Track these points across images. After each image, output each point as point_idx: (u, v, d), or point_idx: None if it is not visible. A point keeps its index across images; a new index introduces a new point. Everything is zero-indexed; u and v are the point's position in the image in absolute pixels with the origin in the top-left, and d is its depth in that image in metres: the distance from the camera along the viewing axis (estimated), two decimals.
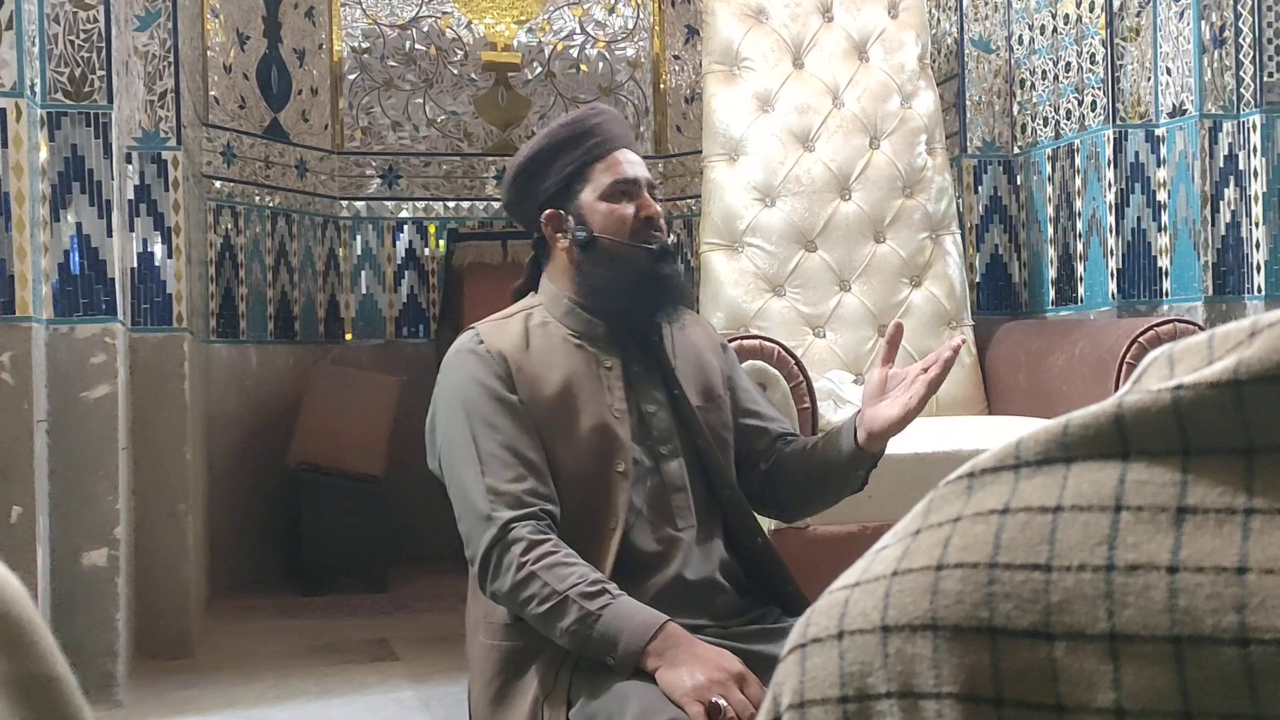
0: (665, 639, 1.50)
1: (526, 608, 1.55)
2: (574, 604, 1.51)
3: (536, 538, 1.56)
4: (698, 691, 1.45)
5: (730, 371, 1.86)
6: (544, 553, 1.55)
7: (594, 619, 1.50)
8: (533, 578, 1.53)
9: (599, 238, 1.73)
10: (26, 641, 0.46)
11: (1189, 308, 3.09)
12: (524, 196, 1.80)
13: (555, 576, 1.53)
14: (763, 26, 3.26)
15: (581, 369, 1.71)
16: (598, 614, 1.50)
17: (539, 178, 1.78)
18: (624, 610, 1.52)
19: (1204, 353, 0.48)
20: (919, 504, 0.53)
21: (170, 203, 3.40)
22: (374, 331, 4.98)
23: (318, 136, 4.93)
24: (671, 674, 1.48)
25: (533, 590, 1.53)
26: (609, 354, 1.74)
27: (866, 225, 3.17)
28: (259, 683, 3.11)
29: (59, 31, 3.01)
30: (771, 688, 0.55)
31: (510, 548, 1.55)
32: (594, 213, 1.74)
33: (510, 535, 1.56)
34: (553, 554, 1.55)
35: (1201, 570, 0.44)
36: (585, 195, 1.75)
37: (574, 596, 1.51)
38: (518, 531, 1.56)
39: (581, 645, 1.52)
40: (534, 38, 5.17)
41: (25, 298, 2.74)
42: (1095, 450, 0.48)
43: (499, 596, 1.59)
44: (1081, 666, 0.45)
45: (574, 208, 1.75)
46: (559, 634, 1.53)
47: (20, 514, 2.71)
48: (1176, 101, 3.14)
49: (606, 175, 1.74)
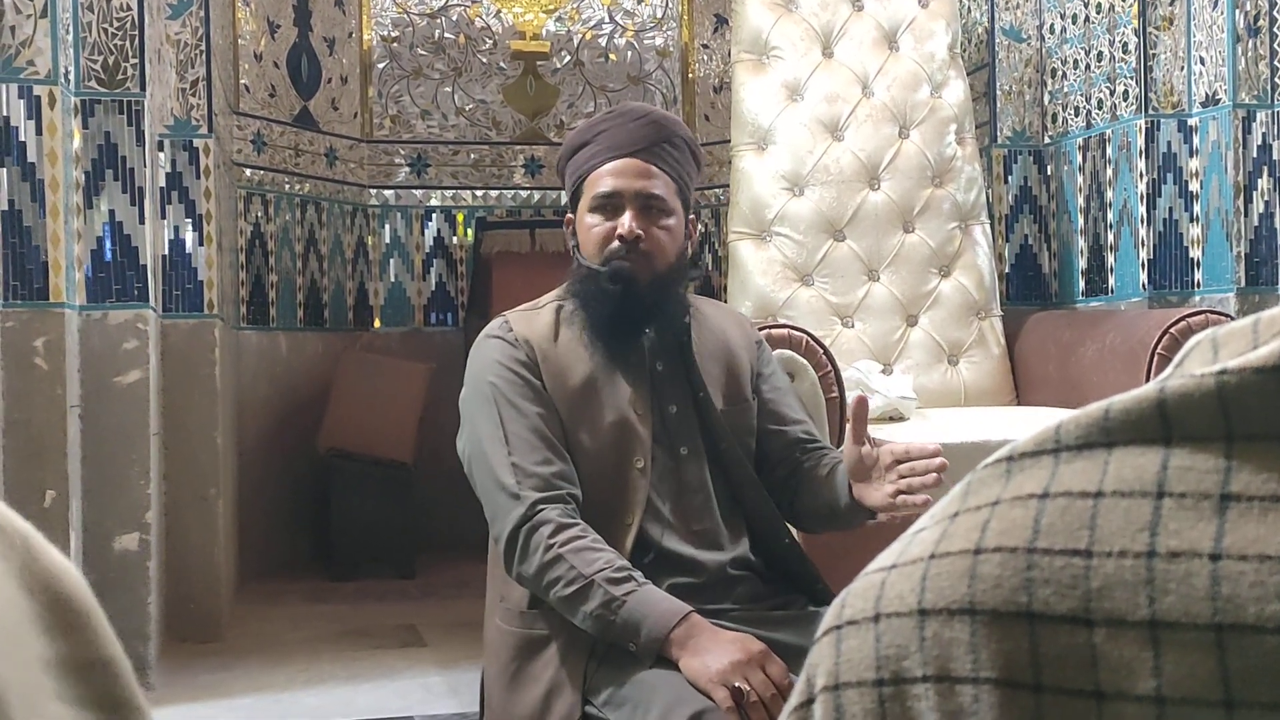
0: (688, 628, 1.50)
1: (552, 590, 1.55)
2: (599, 589, 1.52)
3: (564, 521, 1.57)
4: (721, 676, 1.45)
5: (761, 368, 1.84)
6: (572, 536, 1.56)
7: (618, 605, 1.51)
8: (559, 560, 1.54)
9: (577, 254, 1.76)
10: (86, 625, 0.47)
11: (1221, 299, 3.07)
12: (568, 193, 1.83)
13: (582, 561, 1.54)
14: (792, 15, 3.25)
15: (606, 364, 1.72)
16: (622, 600, 1.51)
17: (563, 178, 1.81)
18: (649, 598, 1.52)
19: (1249, 337, 0.47)
20: (957, 487, 0.52)
21: (201, 190, 3.42)
22: (402, 319, 5.00)
23: (347, 125, 4.95)
24: (695, 661, 1.48)
25: (559, 573, 1.54)
26: (634, 351, 1.75)
27: (895, 215, 3.16)
28: (289, 667, 3.14)
29: (93, 20, 3.03)
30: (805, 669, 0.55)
31: (538, 529, 1.56)
32: (581, 225, 1.75)
33: (538, 517, 1.57)
34: (580, 538, 1.56)
35: (1245, 558, 0.44)
36: (581, 204, 1.76)
37: (600, 581, 1.52)
38: (546, 514, 1.57)
39: (604, 630, 1.53)
40: (563, 26, 5.16)
41: (59, 284, 2.77)
42: (1137, 435, 0.47)
43: (524, 578, 1.59)
44: (1121, 653, 0.45)
45: (577, 216, 1.77)
46: (582, 617, 1.54)
47: (54, 498, 2.74)
48: (1210, 91, 3.11)
49: (592, 188, 1.73)
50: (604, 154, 1.73)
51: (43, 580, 0.46)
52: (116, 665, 0.48)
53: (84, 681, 0.46)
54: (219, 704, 2.86)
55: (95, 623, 0.47)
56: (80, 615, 0.47)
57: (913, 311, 3.14)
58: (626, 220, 1.70)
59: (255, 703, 2.87)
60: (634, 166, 1.72)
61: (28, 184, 2.76)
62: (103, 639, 0.48)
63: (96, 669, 0.47)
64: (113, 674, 0.47)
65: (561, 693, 1.59)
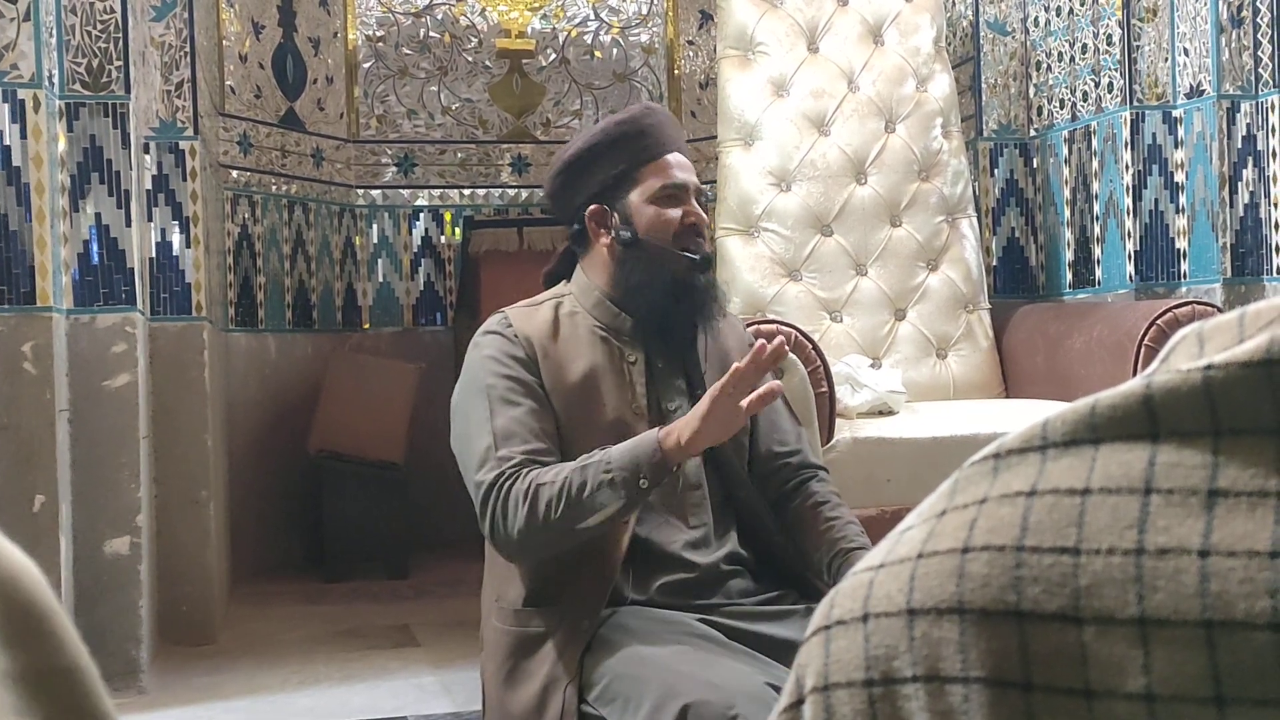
0: (667, 430, 1.58)
1: (550, 518, 1.57)
2: (580, 470, 1.57)
3: (531, 467, 1.61)
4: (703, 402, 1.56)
5: None
6: (539, 470, 1.61)
7: (606, 462, 1.56)
8: (538, 489, 1.58)
9: (643, 240, 1.74)
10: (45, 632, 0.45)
11: (1207, 289, 3.07)
12: (570, 189, 1.80)
13: (553, 474, 1.59)
14: (777, 11, 3.24)
15: (605, 362, 1.73)
16: (605, 459, 1.56)
17: (588, 172, 1.78)
18: (623, 445, 1.59)
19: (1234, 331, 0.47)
20: (944, 484, 0.52)
21: (188, 192, 3.40)
22: (391, 319, 4.99)
23: (333, 125, 4.93)
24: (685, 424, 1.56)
25: (545, 497, 1.57)
26: (633, 349, 1.75)
27: (882, 209, 3.16)
28: (282, 669, 3.13)
29: (76, 22, 3.02)
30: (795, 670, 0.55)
31: (509, 488, 1.60)
32: (640, 214, 1.75)
33: (505, 480, 1.60)
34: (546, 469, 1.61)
35: (1233, 554, 0.44)
36: (634, 196, 1.75)
37: (576, 468, 1.57)
38: (512, 474, 1.61)
39: (614, 492, 1.55)
40: (548, 24, 5.15)
41: (46, 288, 2.76)
42: (1124, 431, 0.47)
43: (521, 538, 1.60)
44: (1111, 651, 0.44)
45: (621, 206, 1.76)
46: (590, 505, 1.56)
47: (43, 503, 2.73)
48: (1194, 82, 3.12)
49: (656, 178, 1.75)
50: (659, 147, 1.76)
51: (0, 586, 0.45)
52: (79, 673, 0.46)
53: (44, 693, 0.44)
54: (213, 706, 2.85)
55: (55, 628, 0.46)
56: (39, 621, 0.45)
57: (901, 305, 3.14)
58: (697, 210, 1.77)
59: (250, 705, 2.86)
60: (687, 161, 1.80)
61: (13, 188, 2.74)
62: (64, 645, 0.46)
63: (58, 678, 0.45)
64: (76, 682, 0.46)
65: (557, 688, 1.60)
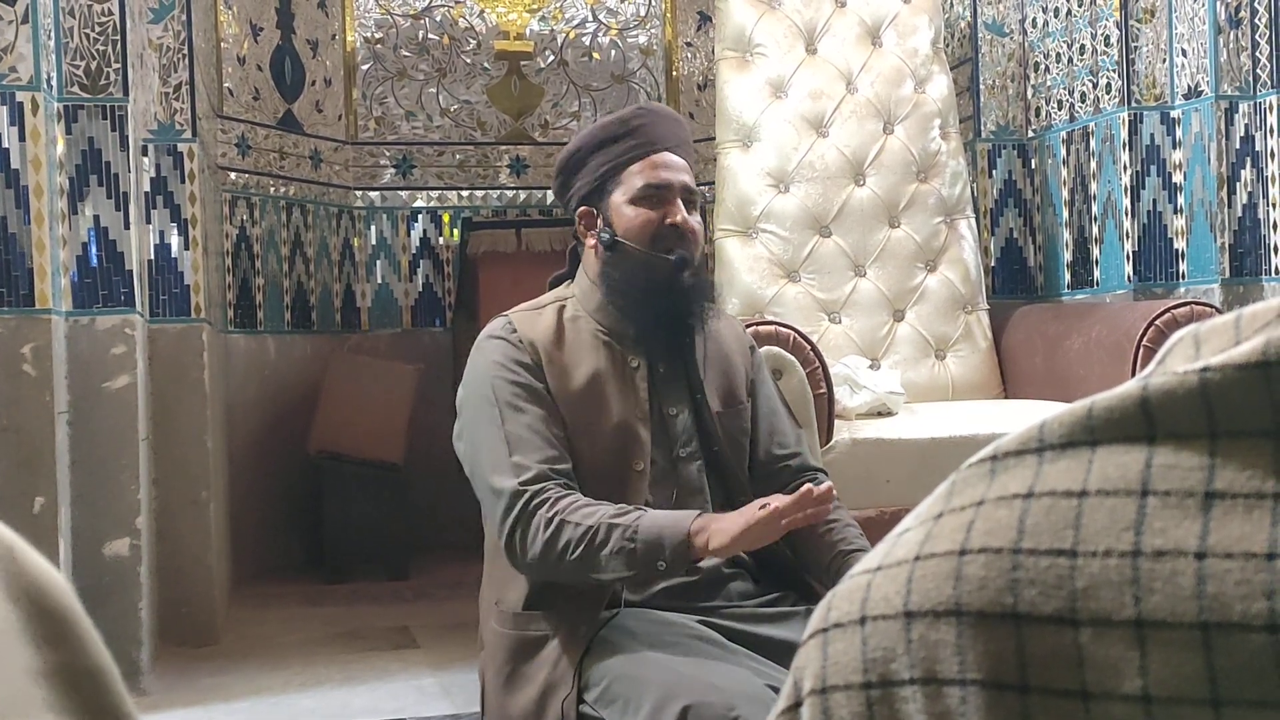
0: (703, 521, 1.55)
1: (565, 557, 1.55)
2: (608, 528, 1.54)
3: (559, 494, 1.59)
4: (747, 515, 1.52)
5: (754, 375, 1.86)
6: (570, 503, 1.58)
7: (633, 531, 1.53)
8: (563, 525, 1.56)
9: (620, 242, 1.73)
10: (73, 634, 0.47)
11: (1206, 290, 3.07)
12: (565, 189, 1.81)
13: (583, 515, 1.56)
14: (775, 12, 3.25)
15: (608, 367, 1.72)
16: (634, 525, 1.54)
17: (578, 173, 1.78)
18: (657, 517, 1.56)
19: (1231, 333, 0.47)
20: (941, 486, 0.52)
21: (186, 194, 3.40)
22: (390, 321, 4.98)
23: (331, 127, 4.93)
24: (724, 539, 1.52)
25: (566, 536, 1.55)
26: (636, 354, 1.75)
27: (881, 210, 3.16)
28: (284, 670, 3.13)
29: (74, 25, 3.02)
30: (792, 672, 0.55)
31: (536, 511, 1.58)
32: (620, 215, 1.74)
33: (535, 501, 1.59)
34: (576, 501, 1.59)
35: (1230, 556, 0.44)
36: (616, 196, 1.75)
37: (607, 521, 1.55)
38: (540, 493, 1.59)
39: (631, 561, 1.54)
40: (546, 26, 5.15)
41: (45, 290, 2.76)
42: (1121, 433, 0.47)
43: (535, 563, 1.59)
44: (1107, 653, 0.45)
45: (605, 207, 1.76)
46: (604, 564, 1.54)
47: (43, 504, 2.73)
48: (1192, 83, 3.12)
49: (639, 178, 1.74)
50: (646, 147, 1.75)
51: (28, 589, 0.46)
52: (105, 674, 0.47)
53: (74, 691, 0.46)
54: (215, 708, 2.85)
55: (82, 631, 0.47)
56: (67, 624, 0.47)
57: (899, 306, 3.14)
58: (681, 211, 1.73)
59: (252, 706, 2.86)
60: (676, 161, 1.76)
61: (12, 190, 2.74)
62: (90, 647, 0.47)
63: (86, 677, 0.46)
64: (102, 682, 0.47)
65: (556, 691, 1.60)
